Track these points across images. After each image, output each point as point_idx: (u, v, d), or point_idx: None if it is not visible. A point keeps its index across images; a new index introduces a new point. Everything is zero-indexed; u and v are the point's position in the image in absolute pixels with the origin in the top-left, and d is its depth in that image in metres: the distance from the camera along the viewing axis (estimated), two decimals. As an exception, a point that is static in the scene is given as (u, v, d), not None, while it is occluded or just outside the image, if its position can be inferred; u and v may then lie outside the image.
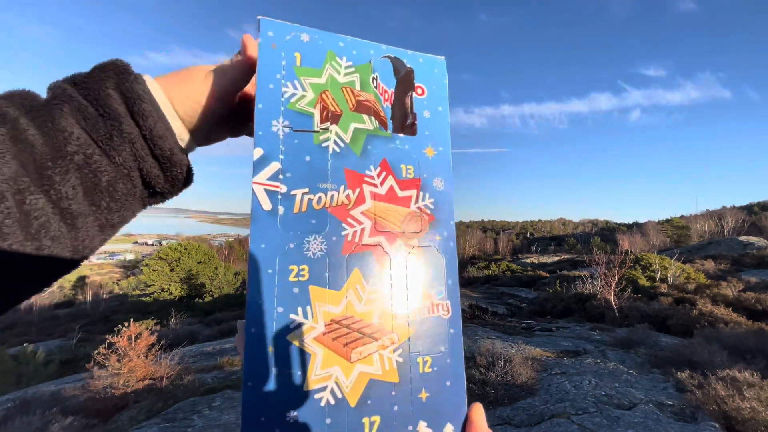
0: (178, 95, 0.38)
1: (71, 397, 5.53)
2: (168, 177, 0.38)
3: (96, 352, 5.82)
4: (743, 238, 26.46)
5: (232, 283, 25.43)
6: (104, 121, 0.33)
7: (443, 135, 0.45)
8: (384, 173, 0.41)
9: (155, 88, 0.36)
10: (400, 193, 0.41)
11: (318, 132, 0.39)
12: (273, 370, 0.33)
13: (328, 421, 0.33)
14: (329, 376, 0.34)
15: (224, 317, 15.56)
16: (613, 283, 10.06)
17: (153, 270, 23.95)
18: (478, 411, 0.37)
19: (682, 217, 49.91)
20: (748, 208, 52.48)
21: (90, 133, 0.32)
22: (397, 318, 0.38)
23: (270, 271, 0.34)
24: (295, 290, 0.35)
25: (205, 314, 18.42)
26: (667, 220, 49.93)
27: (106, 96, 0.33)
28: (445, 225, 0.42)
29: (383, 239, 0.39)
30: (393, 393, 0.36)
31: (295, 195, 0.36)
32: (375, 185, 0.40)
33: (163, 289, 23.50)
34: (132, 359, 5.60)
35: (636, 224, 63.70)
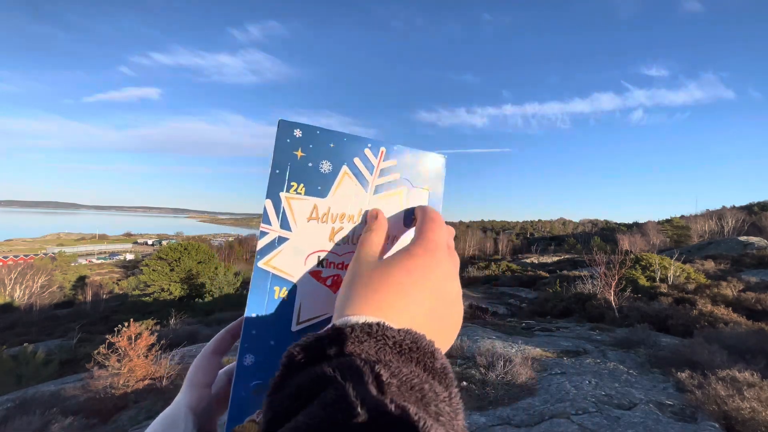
0: None
1: (71, 397, 5.53)
2: None
3: (96, 352, 5.82)
4: (743, 238, 26.44)
5: (232, 283, 25.37)
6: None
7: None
8: None
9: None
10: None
11: None
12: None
13: None
14: None
15: (224, 317, 15.56)
16: (613, 283, 10.06)
17: (153, 270, 23.95)
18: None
19: (682, 217, 49.80)
20: (748, 208, 52.32)
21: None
22: None
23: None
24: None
25: (205, 314, 18.42)
26: (667, 220, 49.89)
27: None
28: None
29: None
30: None
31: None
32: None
33: (163, 289, 23.50)
34: (132, 359, 5.60)
35: (636, 224, 63.65)
